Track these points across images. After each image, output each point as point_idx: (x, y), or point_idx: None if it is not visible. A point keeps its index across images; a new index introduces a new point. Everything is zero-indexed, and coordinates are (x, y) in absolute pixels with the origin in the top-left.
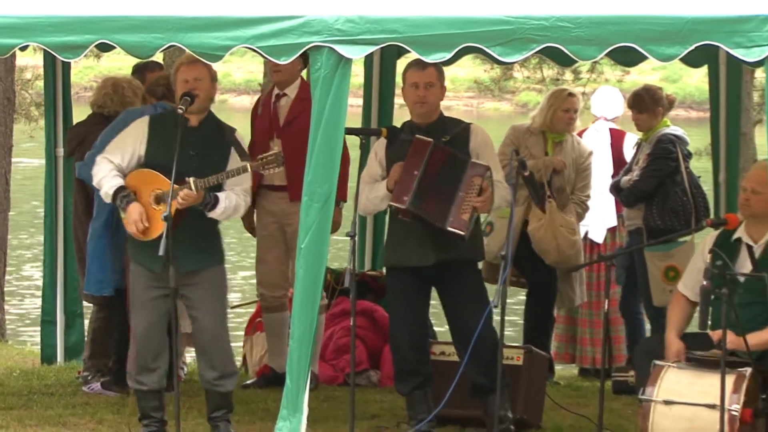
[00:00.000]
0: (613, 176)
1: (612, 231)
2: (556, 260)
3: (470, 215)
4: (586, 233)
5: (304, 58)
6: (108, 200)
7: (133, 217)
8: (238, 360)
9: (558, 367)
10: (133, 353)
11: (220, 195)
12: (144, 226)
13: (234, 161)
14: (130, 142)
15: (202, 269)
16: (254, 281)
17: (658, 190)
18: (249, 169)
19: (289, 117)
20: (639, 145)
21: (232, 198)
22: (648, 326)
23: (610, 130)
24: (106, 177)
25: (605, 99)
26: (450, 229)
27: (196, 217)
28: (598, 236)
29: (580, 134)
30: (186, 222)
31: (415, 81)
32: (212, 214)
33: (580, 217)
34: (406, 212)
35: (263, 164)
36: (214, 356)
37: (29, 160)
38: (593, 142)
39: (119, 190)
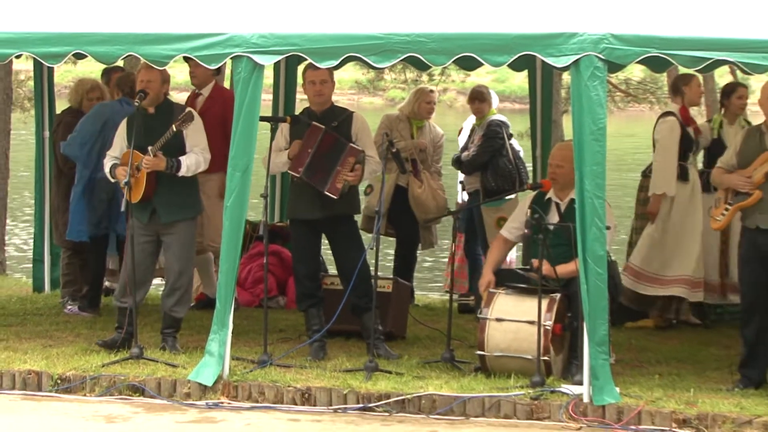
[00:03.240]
0: None
1: None
2: (435, 214)
3: (342, 185)
4: None
5: (217, 69)
6: (112, 178)
7: (119, 174)
8: None
9: (418, 293)
10: (123, 281)
11: (182, 158)
12: (127, 179)
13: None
14: (118, 140)
15: (178, 221)
16: None
17: (491, 161)
18: (174, 130)
19: (201, 110)
20: (473, 129)
21: (192, 157)
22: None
23: None
24: (107, 165)
25: None
26: (326, 192)
27: (171, 177)
28: None
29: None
30: (164, 183)
31: (312, 79)
32: (180, 173)
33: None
34: (300, 178)
35: (181, 123)
36: (176, 291)
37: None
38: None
39: (112, 167)
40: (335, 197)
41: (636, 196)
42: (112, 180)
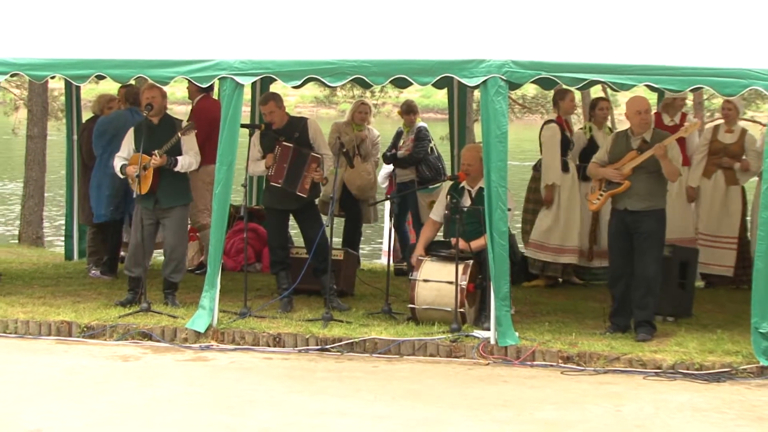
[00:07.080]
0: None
1: None
2: (361, 191)
3: (309, 185)
4: None
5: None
6: (122, 175)
7: (129, 171)
8: None
9: (363, 260)
10: (131, 255)
11: (179, 158)
12: (137, 173)
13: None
14: (126, 144)
15: (174, 207)
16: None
17: (424, 157)
18: (179, 136)
19: (194, 115)
20: (400, 133)
21: (186, 158)
22: (411, 237)
23: None
24: (117, 164)
25: None
26: (298, 192)
27: (169, 174)
28: None
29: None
30: (164, 178)
31: (263, 111)
32: (177, 169)
33: (376, 169)
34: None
35: (183, 130)
36: (172, 261)
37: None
38: None
39: (122, 167)
40: (305, 196)
41: (528, 186)
42: (122, 176)
